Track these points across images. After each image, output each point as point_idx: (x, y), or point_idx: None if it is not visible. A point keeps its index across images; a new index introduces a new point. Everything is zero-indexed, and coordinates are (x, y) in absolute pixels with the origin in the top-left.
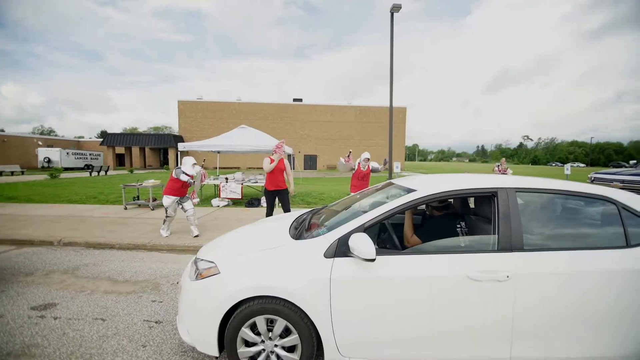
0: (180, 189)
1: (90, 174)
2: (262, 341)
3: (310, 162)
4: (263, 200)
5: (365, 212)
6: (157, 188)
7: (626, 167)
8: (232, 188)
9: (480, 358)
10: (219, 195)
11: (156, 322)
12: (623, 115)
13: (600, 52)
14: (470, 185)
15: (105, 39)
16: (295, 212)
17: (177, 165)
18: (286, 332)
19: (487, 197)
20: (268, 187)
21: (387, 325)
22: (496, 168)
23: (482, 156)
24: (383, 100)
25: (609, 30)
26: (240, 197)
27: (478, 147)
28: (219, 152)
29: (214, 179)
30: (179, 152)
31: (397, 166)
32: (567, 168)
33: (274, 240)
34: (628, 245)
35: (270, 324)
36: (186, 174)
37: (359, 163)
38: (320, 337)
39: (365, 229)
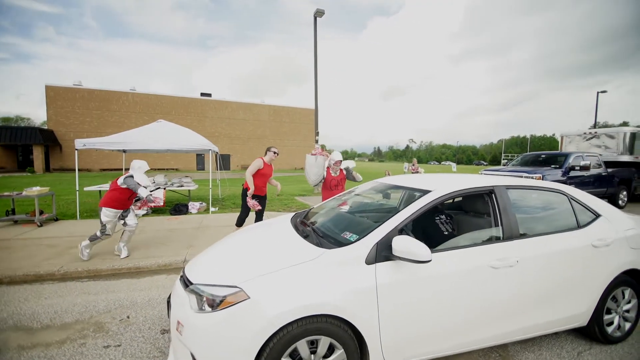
0: (126, 201)
1: None
2: None
3: (223, 161)
4: (191, 205)
5: (370, 212)
6: (47, 197)
7: (484, 164)
8: (153, 194)
9: (498, 334)
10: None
11: None
12: (475, 124)
13: (460, 73)
14: (475, 184)
15: None
16: (279, 218)
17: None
18: (329, 351)
19: (480, 195)
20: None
21: (430, 321)
22: (411, 167)
23: (378, 156)
24: (294, 101)
25: (466, 57)
26: (162, 204)
27: (375, 148)
28: (124, 150)
29: None
30: (76, 150)
31: None
32: (454, 166)
33: (297, 251)
34: (578, 227)
35: (311, 345)
36: (142, 186)
37: (327, 168)
38: (367, 347)
39: (399, 231)
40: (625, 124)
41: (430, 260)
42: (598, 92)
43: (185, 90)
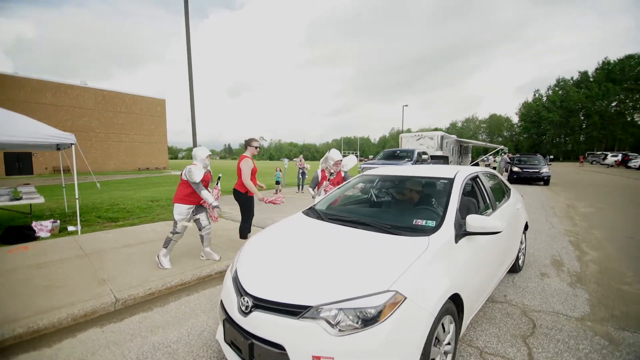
0: (197, 195)
1: None
2: (444, 352)
3: (22, 163)
4: (39, 226)
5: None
6: None
7: None
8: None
9: (496, 282)
10: None
11: None
12: (315, 125)
13: (305, 78)
14: (469, 171)
15: None
16: (293, 220)
17: None
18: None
19: (472, 179)
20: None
21: (482, 278)
22: (298, 163)
23: (230, 154)
24: (125, 87)
25: (309, 64)
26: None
27: (225, 145)
28: None
29: None
30: None
31: None
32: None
33: (398, 244)
34: (507, 197)
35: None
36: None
37: (321, 171)
38: (463, 314)
39: (459, 212)
40: (409, 130)
41: (502, 231)
42: (403, 106)
43: None
